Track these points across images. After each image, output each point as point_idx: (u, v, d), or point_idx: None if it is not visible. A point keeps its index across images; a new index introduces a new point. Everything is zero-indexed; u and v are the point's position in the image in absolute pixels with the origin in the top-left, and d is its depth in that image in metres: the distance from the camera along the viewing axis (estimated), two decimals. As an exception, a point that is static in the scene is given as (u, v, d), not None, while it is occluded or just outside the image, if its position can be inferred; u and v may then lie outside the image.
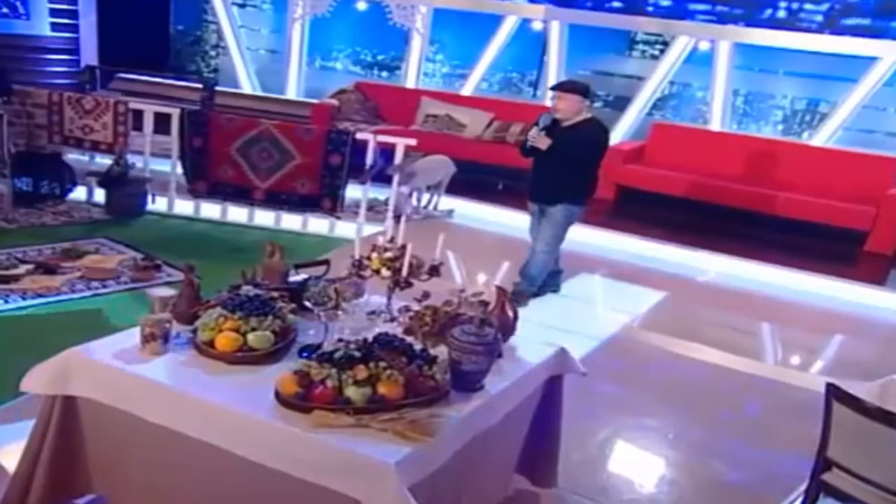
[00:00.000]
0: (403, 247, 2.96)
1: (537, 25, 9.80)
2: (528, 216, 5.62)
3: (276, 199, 6.48)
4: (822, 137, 8.70)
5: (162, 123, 6.74)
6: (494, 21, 9.87)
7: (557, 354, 3.00)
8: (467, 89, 10.07)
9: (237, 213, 6.69)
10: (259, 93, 11.12)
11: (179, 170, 6.62)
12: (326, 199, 6.43)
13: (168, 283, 5.00)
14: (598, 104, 9.96)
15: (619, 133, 9.50)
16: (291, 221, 6.62)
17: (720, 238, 7.39)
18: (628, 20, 9.36)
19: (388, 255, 2.95)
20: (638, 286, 6.25)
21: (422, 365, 2.46)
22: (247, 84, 11.23)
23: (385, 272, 2.94)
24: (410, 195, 7.31)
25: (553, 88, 5.35)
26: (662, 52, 9.38)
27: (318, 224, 6.61)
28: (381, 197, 7.21)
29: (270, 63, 11.33)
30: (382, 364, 2.39)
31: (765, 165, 8.37)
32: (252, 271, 2.92)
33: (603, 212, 8.05)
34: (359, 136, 6.50)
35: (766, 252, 7.05)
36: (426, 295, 2.98)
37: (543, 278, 5.55)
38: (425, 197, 7.56)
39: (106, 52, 10.70)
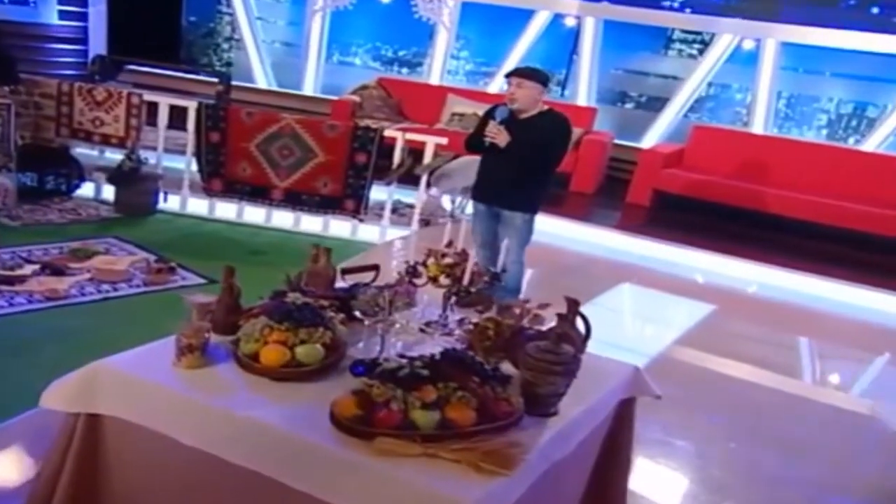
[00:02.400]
0: (464, 252, 2.67)
1: (570, 21, 9.49)
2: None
3: (296, 200, 6.16)
4: (873, 143, 8.34)
5: (175, 118, 6.43)
6: (522, 17, 9.54)
7: (632, 375, 2.71)
8: (494, 87, 9.72)
9: (253, 214, 6.38)
10: (275, 88, 10.81)
11: (194, 167, 6.31)
12: (349, 201, 6.10)
13: (183, 287, 4.72)
14: (629, 105, 9.68)
15: (655, 135, 9.20)
16: (310, 223, 6.30)
17: (764, 247, 7.06)
18: (669, 17, 9.04)
19: (447, 261, 2.66)
20: (683, 298, 5.98)
21: (495, 386, 2.17)
22: (262, 79, 10.91)
23: (443, 280, 2.65)
24: (441, 197, 6.99)
25: (510, 75, 4.53)
26: (701, 51, 9.05)
27: (339, 226, 6.29)
28: (405, 199, 6.90)
29: (285, 57, 11.00)
30: (452, 385, 2.09)
31: (812, 171, 7.98)
32: (297, 276, 2.62)
33: (639, 218, 7.72)
34: (386, 133, 6.19)
35: (815, 263, 6.71)
36: (487, 306, 2.69)
37: (522, 284, 4.85)
38: (458, 199, 7.22)
39: (115, 43, 10.40)
